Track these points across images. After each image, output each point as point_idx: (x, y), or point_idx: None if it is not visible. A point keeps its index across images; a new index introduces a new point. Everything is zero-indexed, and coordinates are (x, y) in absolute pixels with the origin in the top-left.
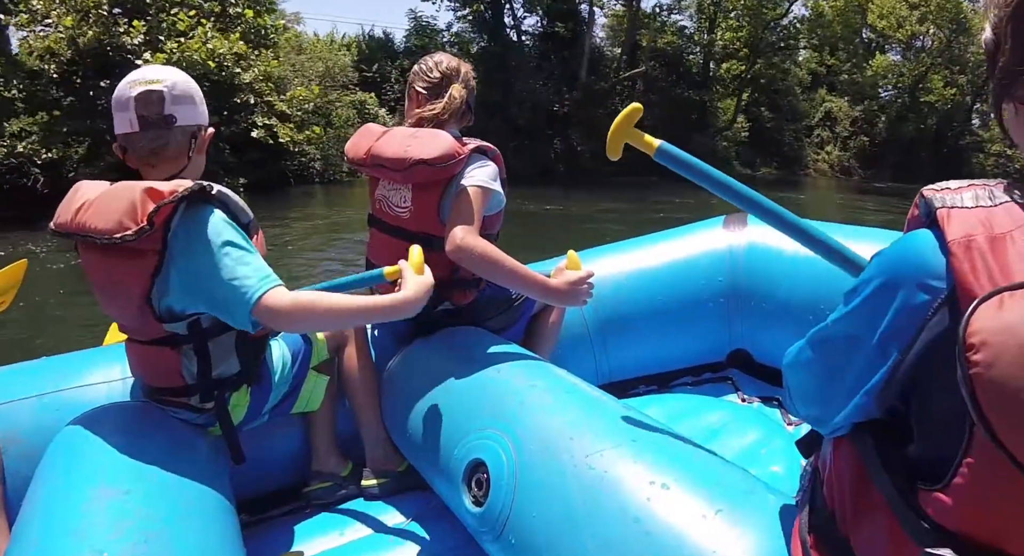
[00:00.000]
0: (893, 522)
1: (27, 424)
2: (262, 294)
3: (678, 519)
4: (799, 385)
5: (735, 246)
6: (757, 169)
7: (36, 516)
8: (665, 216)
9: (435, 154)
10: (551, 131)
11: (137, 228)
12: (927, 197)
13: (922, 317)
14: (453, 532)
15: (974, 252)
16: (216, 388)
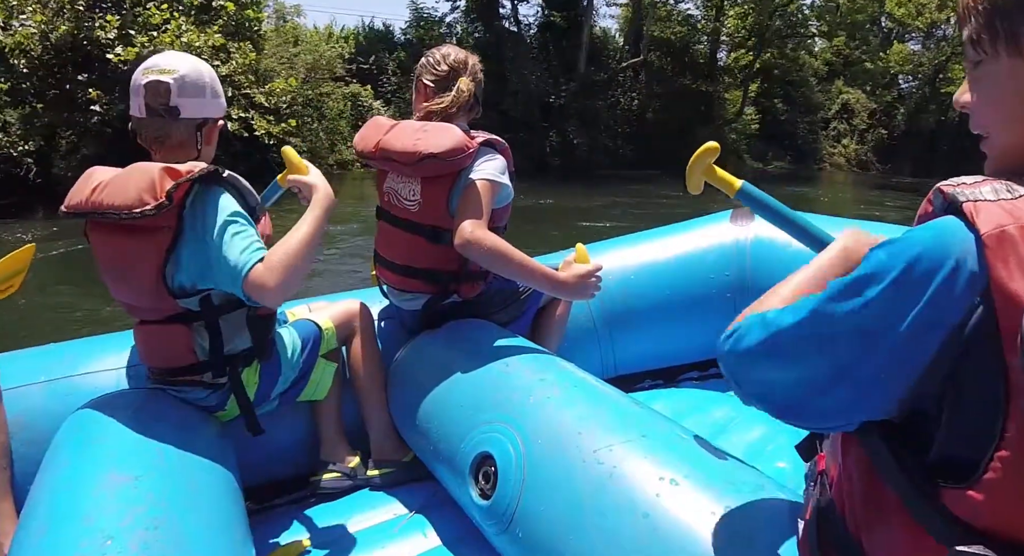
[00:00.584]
0: (910, 523)
1: (36, 409)
2: (249, 269)
3: (687, 515)
4: (778, 380)
5: (742, 240)
6: (769, 163)
7: (44, 501)
8: (666, 211)
9: (444, 148)
10: (547, 123)
11: (157, 203)
12: (947, 192)
13: (964, 306)
14: (458, 523)
15: (1007, 244)
16: (228, 363)
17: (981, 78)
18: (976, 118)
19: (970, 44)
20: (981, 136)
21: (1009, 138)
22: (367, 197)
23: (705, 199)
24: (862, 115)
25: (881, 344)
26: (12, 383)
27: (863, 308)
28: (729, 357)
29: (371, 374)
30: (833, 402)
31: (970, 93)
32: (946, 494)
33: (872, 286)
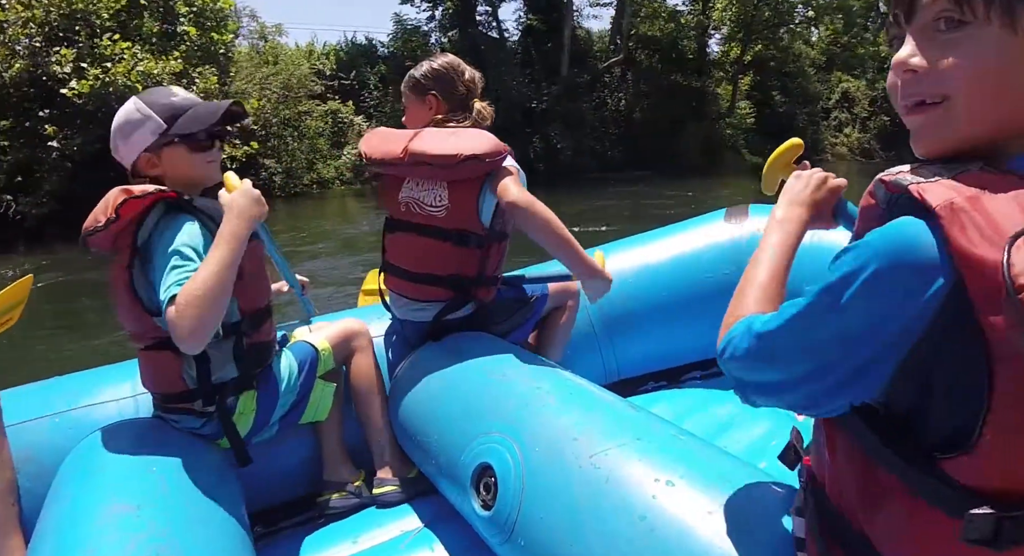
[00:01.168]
0: (914, 503)
1: (41, 444)
2: (165, 307)
3: (684, 516)
4: (771, 379)
5: (738, 238)
6: (768, 156)
7: (49, 534)
8: (657, 212)
9: (485, 149)
10: (529, 129)
11: (105, 220)
12: (890, 180)
13: (942, 294)
14: (464, 536)
15: (959, 213)
16: (217, 392)
17: (960, 41)
18: (935, 81)
19: (953, 2)
20: (921, 102)
21: (977, 111)
22: (351, 215)
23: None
24: (863, 103)
25: (864, 343)
26: (16, 419)
27: (841, 313)
28: (729, 364)
29: (371, 392)
30: (824, 390)
31: (925, 52)
32: (946, 465)
33: (846, 290)
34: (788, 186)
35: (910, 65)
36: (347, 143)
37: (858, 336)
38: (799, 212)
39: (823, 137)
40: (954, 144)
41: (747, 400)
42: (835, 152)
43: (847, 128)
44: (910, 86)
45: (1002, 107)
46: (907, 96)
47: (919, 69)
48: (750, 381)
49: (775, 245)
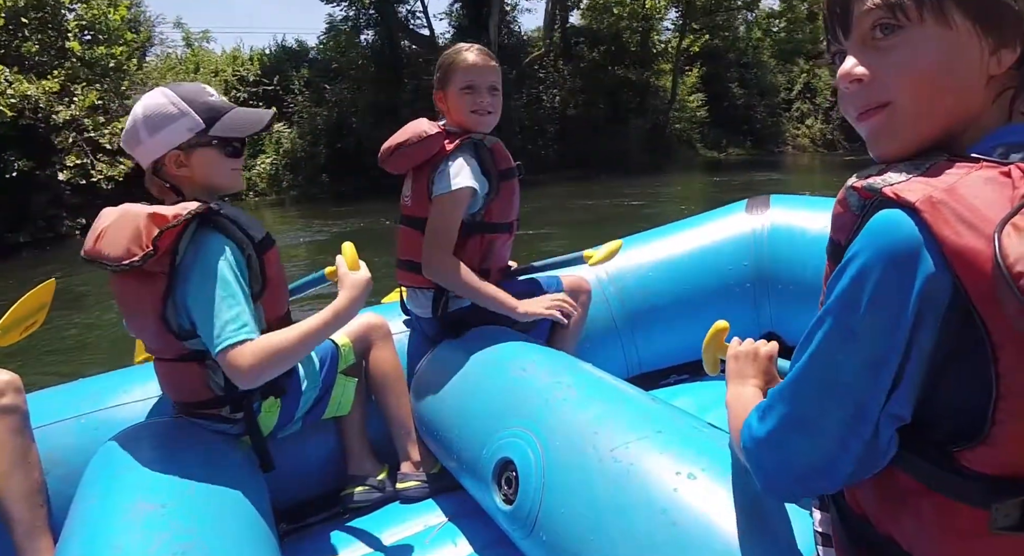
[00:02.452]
0: (934, 499)
1: (68, 445)
2: (227, 347)
3: (705, 509)
4: (810, 450)
5: (758, 229)
6: (724, 150)
7: (77, 534)
8: (606, 211)
9: (403, 138)
10: None
11: (143, 254)
12: (861, 186)
13: (946, 288)
14: (487, 531)
15: (940, 206)
16: (244, 397)
17: (899, 45)
18: (879, 87)
19: (886, 9)
20: (869, 108)
21: (922, 108)
22: (271, 229)
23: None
24: (825, 93)
25: (891, 358)
26: (43, 421)
27: (856, 342)
28: (757, 452)
29: (393, 387)
30: (870, 434)
31: (867, 62)
32: (963, 457)
33: (853, 317)
34: (729, 370)
35: (854, 74)
36: (263, 151)
37: (884, 354)
38: (752, 386)
39: (784, 129)
40: (909, 143)
41: (797, 498)
42: (797, 144)
43: (809, 119)
44: (857, 97)
45: (947, 99)
46: (855, 106)
47: (863, 77)
48: (787, 468)
49: (745, 402)
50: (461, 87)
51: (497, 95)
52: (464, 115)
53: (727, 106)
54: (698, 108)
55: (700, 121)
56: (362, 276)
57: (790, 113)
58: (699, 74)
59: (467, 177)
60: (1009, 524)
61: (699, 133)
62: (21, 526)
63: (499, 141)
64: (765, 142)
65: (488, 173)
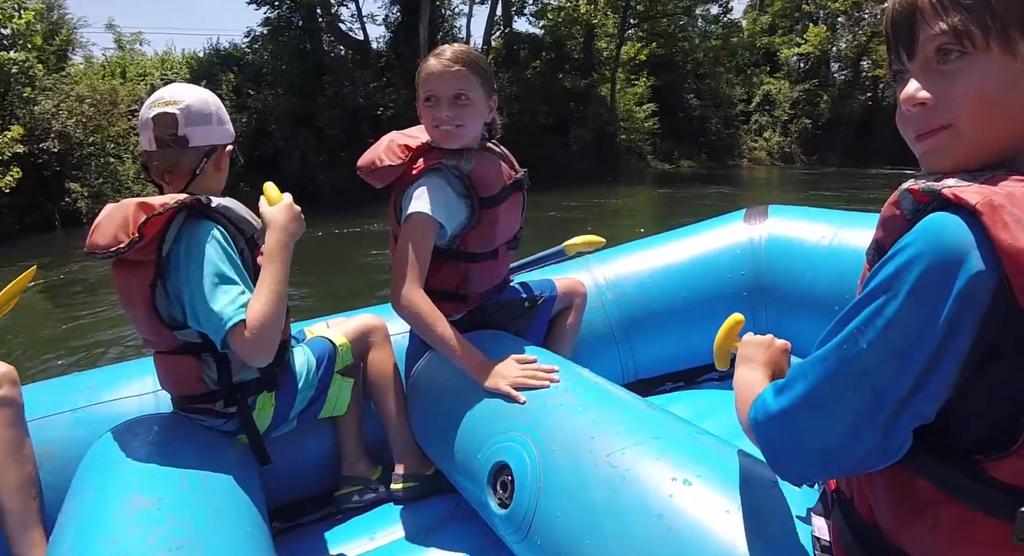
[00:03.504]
0: (954, 509)
1: (62, 438)
2: (232, 327)
3: (701, 515)
4: (822, 432)
5: (756, 239)
6: (676, 162)
7: (71, 527)
8: (540, 234)
9: (361, 162)
10: (372, 139)
11: (128, 241)
12: (919, 189)
13: (988, 290)
14: (482, 534)
15: (999, 209)
16: (238, 392)
17: (963, 71)
18: (941, 111)
19: (953, 36)
20: (930, 131)
21: (982, 134)
22: None
23: (579, 211)
24: (784, 106)
25: (920, 353)
26: (37, 414)
27: (887, 329)
28: (766, 428)
29: (389, 388)
30: (885, 424)
31: (930, 86)
32: (988, 466)
33: (890, 304)
34: (740, 355)
35: (918, 99)
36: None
37: (913, 347)
38: (761, 372)
39: (742, 141)
40: (963, 163)
41: (803, 480)
42: (753, 157)
43: (767, 132)
44: (918, 119)
45: (1007, 126)
46: (915, 128)
47: (927, 101)
48: (795, 446)
49: (753, 385)
50: (424, 99)
51: (466, 104)
52: (429, 130)
53: (683, 117)
54: (647, 118)
55: (650, 132)
56: (280, 209)
57: (748, 125)
58: (649, 84)
59: (422, 204)
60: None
61: (651, 144)
62: (14, 518)
63: (491, 158)
64: (720, 155)
65: (470, 198)
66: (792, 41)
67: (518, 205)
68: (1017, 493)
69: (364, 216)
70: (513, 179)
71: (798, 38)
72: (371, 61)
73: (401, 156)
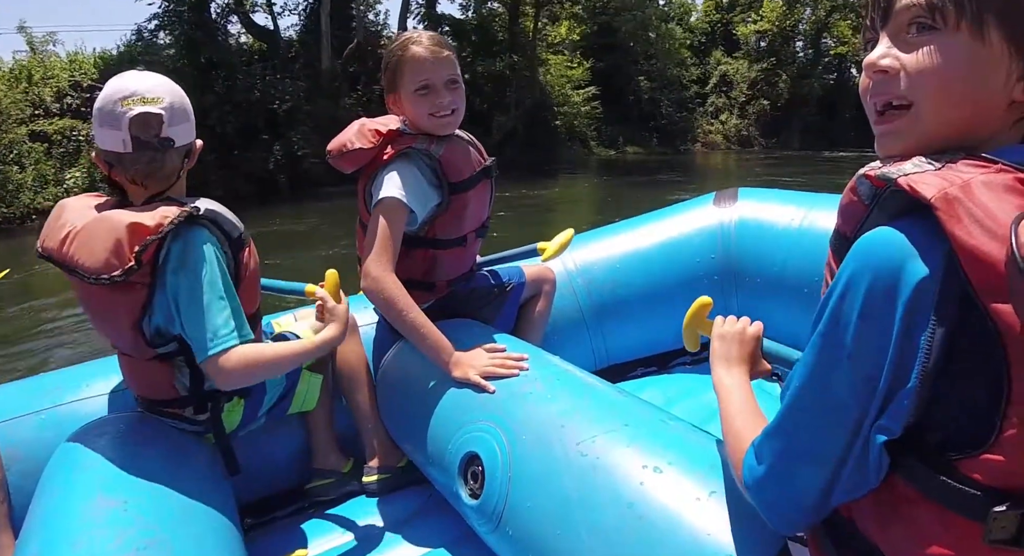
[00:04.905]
0: (929, 508)
1: (28, 441)
2: (217, 352)
3: (672, 502)
4: (815, 475)
5: (726, 222)
6: (621, 148)
7: (37, 530)
8: None
9: (331, 146)
10: (267, 136)
11: (125, 268)
12: (875, 174)
13: (937, 290)
14: (454, 525)
15: (955, 203)
16: (209, 399)
17: (930, 46)
18: (904, 85)
19: (926, 8)
20: (890, 105)
21: (941, 116)
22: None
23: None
24: (741, 87)
25: (886, 373)
26: (2, 417)
27: (850, 359)
28: (758, 489)
29: (359, 380)
30: (865, 449)
31: (897, 57)
32: (963, 465)
33: (845, 334)
34: (715, 351)
35: (880, 65)
36: (76, 163)
37: (878, 369)
38: (739, 372)
39: (695, 125)
40: (918, 147)
41: (807, 527)
42: (708, 141)
43: (723, 115)
44: (879, 86)
45: (964, 111)
46: (876, 95)
47: (889, 70)
48: (798, 501)
49: (738, 405)
50: (415, 88)
51: (457, 88)
52: (423, 120)
53: (632, 100)
54: (585, 103)
55: (593, 116)
56: (344, 309)
57: (704, 108)
58: (588, 66)
59: (393, 188)
60: (1004, 537)
61: (595, 130)
62: None
63: (460, 144)
64: (672, 139)
65: (440, 185)
66: (749, 18)
67: (486, 192)
68: (989, 493)
69: (260, 218)
70: (482, 166)
71: (755, 15)
72: (281, 51)
73: (372, 140)
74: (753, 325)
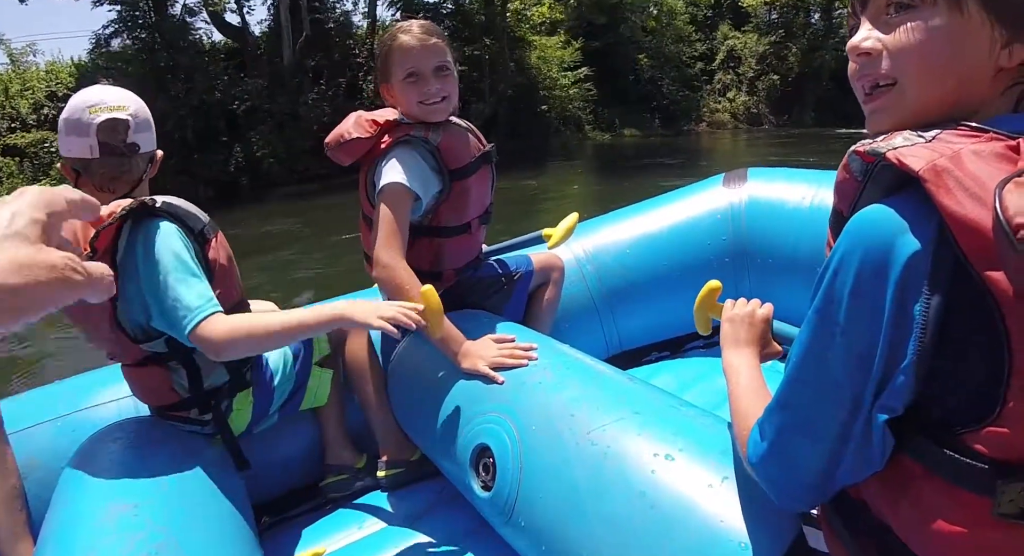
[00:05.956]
0: (938, 483)
1: (45, 448)
2: (198, 322)
3: (684, 490)
4: (814, 455)
5: (736, 203)
6: (618, 131)
7: (52, 538)
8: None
9: (329, 138)
10: (226, 138)
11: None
12: (864, 150)
13: (930, 264)
14: (469, 518)
15: (944, 174)
16: (211, 398)
17: (909, 24)
18: (887, 64)
19: None
20: (877, 85)
21: (925, 91)
22: None
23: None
24: (750, 62)
25: (881, 350)
26: (19, 425)
27: (844, 336)
28: (761, 465)
29: (369, 375)
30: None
31: (879, 38)
32: (969, 439)
33: (838, 312)
34: (725, 334)
35: (862, 48)
36: (48, 178)
37: (872, 346)
38: (748, 354)
39: (702, 103)
40: (906, 122)
41: (811, 506)
42: (714, 120)
43: (731, 92)
44: (864, 69)
45: (950, 83)
46: (862, 78)
47: (872, 51)
48: (797, 477)
49: (745, 385)
50: (403, 77)
51: (447, 76)
52: (414, 107)
53: (632, 80)
54: (573, 85)
55: (587, 99)
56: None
57: (712, 85)
58: (578, 46)
59: (395, 174)
60: (1013, 511)
61: (591, 113)
62: (1, 531)
63: (458, 130)
64: (676, 120)
65: (440, 171)
66: None
67: (488, 178)
68: (996, 466)
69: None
70: (482, 151)
71: None
72: (249, 49)
73: (370, 130)
74: (763, 307)
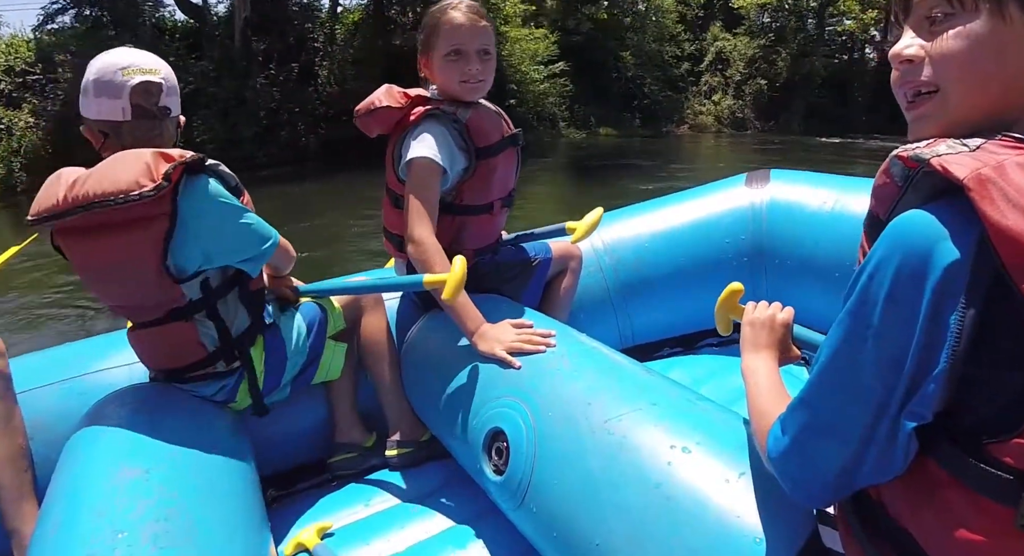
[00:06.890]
0: (963, 492)
1: (52, 410)
2: (276, 241)
3: (700, 483)
4: (836, 454)
5: (757, 203)
6: (593, 128)
7: (59, 498)
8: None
9: (361, 106)
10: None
11: (156, 185)
12: (907, 155)
13: (967, 274)
14: (476, 500)
15: (987, 184)
16: (236, 346)
17: (951, 31)
18: (929, 72)
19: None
20: (919, 92)
21: (968, 98)
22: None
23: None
24: (738, 65)
25: (912, 356)
26: (27, 386)
27: (876, 339)
28: (780, 460)
29: (383, 353)
30: (890, 434)
31: (922, 46)
32: (995, 449)
33: (872, 315)
34: (744, 337)
35: (904, 55)
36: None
37: (903, 352)
38: (767, 357)
39: (686, 105)
40: (949, 129)
41: (826, 503)
42: (697, 123)
43: (716, 95)
44: (907, 76)
45: (992, 92)
46: (904, 84)
47: (914, 58)
48: (815, 475)
49: (764, 385)
50: (446, 53)
51: (489, 60)
52: (452, 85)
53: (615, 78)
54: (546, 79)
55: (560, 95)
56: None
57: (698, 87)
58: (553, 40)
59: (425, 148)
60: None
61: (567, 110)
62: (5, 491)
63: (487, 111)
64: (657, 121)
65: (467, 149)
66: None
67: (513, 161)
68: (1021, 477)
69: None
70: (510, 133)
71: None
72: (208, 29)
73: (400, 101)
74: (784, 311)
